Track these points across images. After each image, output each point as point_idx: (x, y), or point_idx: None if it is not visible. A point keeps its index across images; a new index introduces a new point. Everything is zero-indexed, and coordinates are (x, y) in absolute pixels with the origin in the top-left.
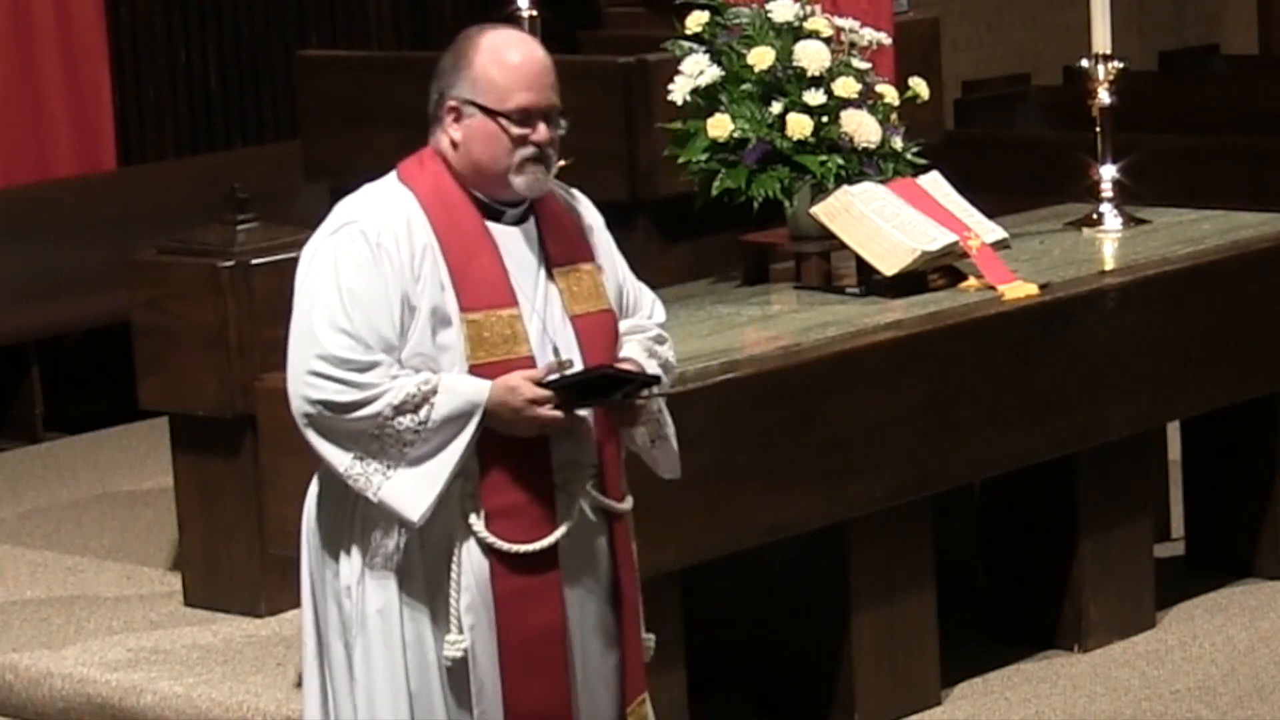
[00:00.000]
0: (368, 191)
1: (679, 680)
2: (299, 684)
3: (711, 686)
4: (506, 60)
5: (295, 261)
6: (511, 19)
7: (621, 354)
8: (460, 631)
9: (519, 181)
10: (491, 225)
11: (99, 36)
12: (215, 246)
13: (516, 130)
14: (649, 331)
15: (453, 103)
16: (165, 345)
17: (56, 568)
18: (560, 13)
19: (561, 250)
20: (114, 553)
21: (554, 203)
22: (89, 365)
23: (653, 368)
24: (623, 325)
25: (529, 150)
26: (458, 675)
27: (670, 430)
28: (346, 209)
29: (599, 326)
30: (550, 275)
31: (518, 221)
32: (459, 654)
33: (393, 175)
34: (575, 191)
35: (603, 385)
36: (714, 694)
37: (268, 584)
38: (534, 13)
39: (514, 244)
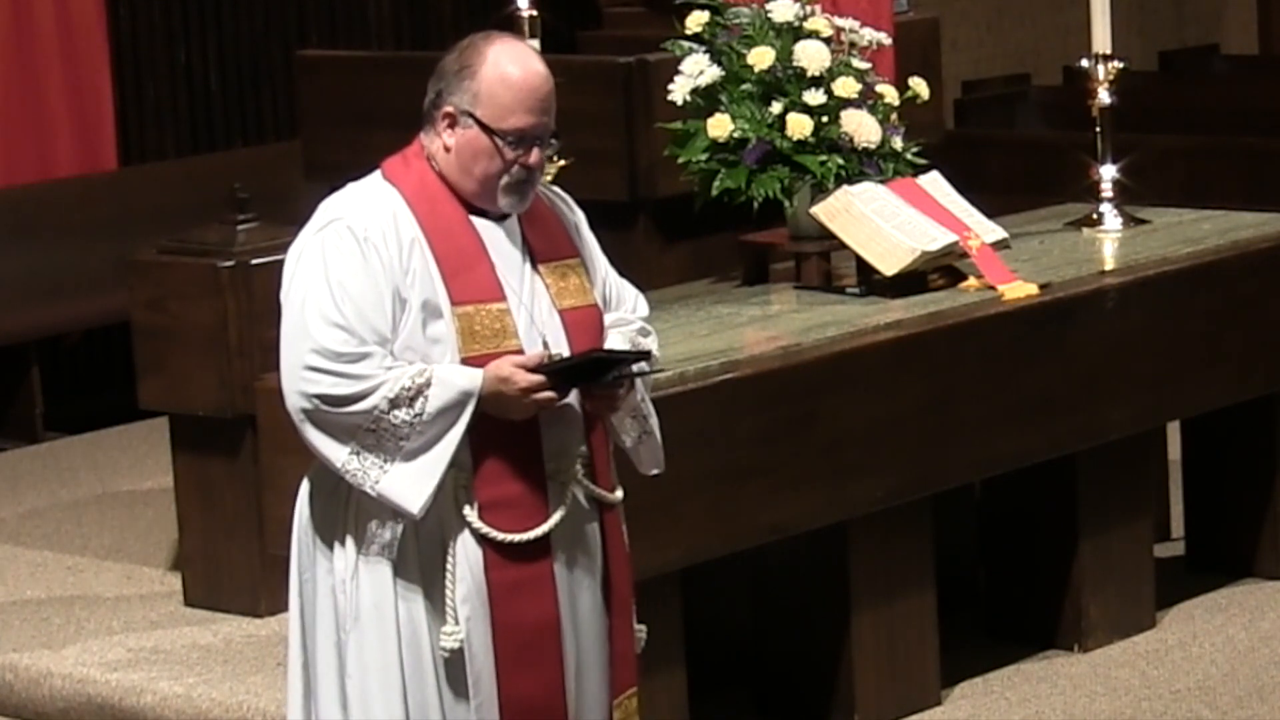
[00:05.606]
0: (352, 189)
1: (679, 680)
2: None
3: (711, 686)
4: (512, 79)
5: None
6: (511, 19)
7: (605, 345)
8: (456, 622)
9: (504, 200)
10: (475, 220)
11: (99, 36)
12: (215, 246)
13: (511, 153)
14: (633, 324)
15: (450, 109)
16: (165, 345)
17: (56, 568)
18: (560, 13)
19: (545, 245)
20: (114, 553)
21: (537, 200)
22: (89, 365)
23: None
24: (607, 318)
25: (519, 172)
26: (454, 667)
27: (654, 424)
28: (331, 207)
29: (587, 320)
30: (535, 269)
31: (500, 217)
32: (456, 645)
33: (377, 174)
34: (557, 189)
35: (595, 368)
36: (714, 694)
37: (268, 584)
38: (534, 13)
39: (498, 239)
